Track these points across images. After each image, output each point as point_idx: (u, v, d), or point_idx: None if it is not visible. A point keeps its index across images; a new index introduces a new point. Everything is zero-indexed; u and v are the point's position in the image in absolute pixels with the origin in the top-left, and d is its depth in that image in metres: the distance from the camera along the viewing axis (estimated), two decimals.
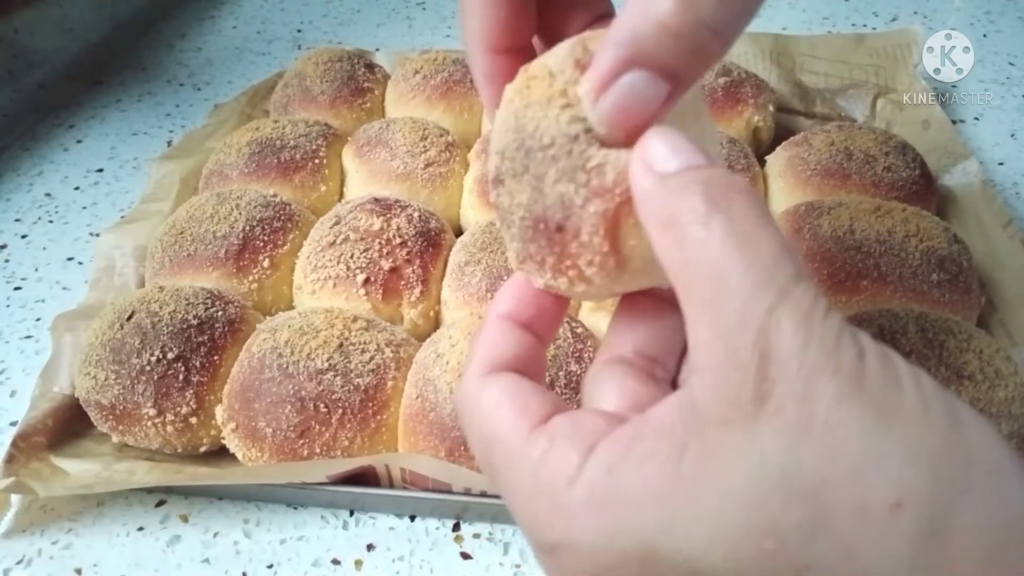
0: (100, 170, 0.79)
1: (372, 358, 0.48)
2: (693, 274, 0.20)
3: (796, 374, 0.19)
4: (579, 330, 0.49)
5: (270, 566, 0.46)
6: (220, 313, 0.52)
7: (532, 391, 0.25)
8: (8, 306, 0.64)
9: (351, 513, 0.48)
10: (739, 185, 0.21)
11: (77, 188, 0.77)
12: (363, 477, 0.46)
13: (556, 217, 0.25)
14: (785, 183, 0.64)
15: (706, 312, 0.20)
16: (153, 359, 0.48)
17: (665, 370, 0.27)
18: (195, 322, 0.50)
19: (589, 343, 0.48)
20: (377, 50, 0.88)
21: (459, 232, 0.63)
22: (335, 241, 0.56)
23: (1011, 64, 0.89)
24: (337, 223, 0.58)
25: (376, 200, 0.59)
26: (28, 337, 0.61)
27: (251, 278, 0.57)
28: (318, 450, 0.46)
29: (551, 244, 0.25)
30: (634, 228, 0.24)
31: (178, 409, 0.49)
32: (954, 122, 0.76)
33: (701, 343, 0.20)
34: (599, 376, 0.27)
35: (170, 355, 0.49)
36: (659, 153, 0.22)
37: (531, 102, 0.25)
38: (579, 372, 0.46)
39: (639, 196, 0.22)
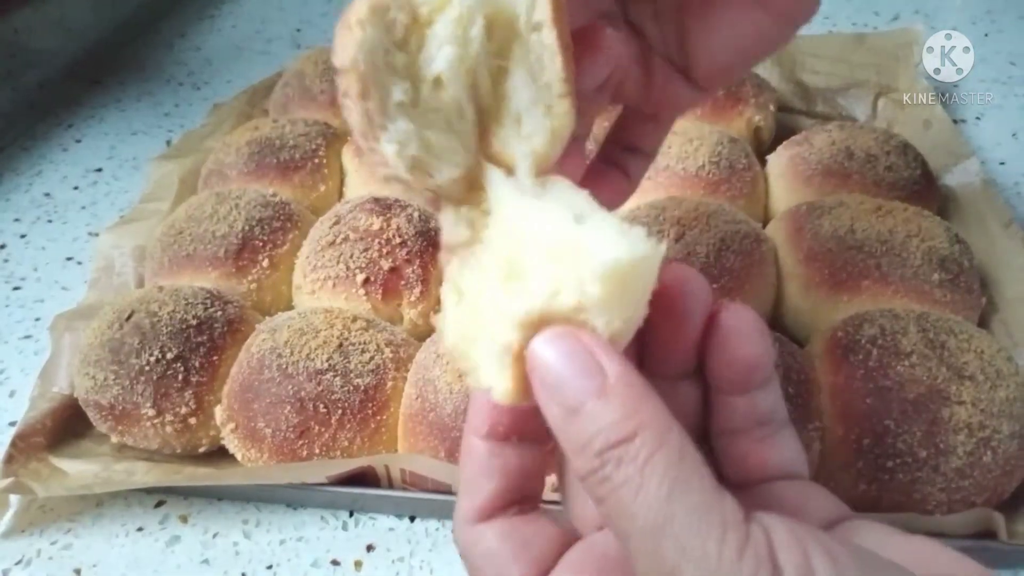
0: (99, 170, 0.79)
1: (372, 358, 0.48)
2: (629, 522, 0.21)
3: None
4: None
5: (270, 567, 0.45)
6: (219, 313, 0.52)
7: (527, 534, 0.25)
8: (7, 306, 0.64)
9: (351, 514, 0.48)
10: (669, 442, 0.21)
11: (76, 188, 0.77)
12: (363, 477, 0.46)
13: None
14: (786, 183, 0.64)
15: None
16: (152, 359, 0.48)
17: None
18: (194, 322, 0.50)
19: None
20: None
21: None
22: (335, 241, 0.56)
23: (1012, 64, 0.89)
24: (337, 223, 0.57)
25: (376, 200, 0.59)
26: (27, 337, 0.61)
27: (250, 278, 0.57)
28: (318, 450, 0.46)
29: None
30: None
31: (177, 409, 0.48)
32: (955, 122, 0.75)
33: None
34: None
35: (169, 355, 0.49)
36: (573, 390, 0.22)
37: None
38: None
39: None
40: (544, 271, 0.23)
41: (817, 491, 0.27)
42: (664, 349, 0.27)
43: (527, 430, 0.26)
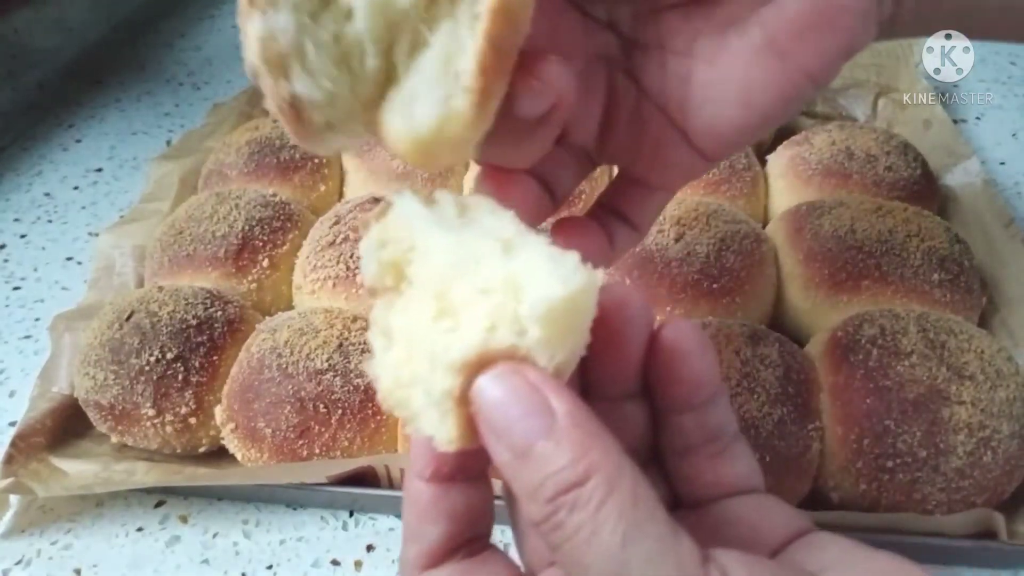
0: (99, 170, 0.79)
1: None
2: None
3: None
4: None
5: (269, 567, 0.45)
6: (219, 313, 0.52)
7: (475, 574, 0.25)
8: (7, 306, 0.64)
9: (351, 514, 0.48)
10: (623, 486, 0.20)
11: (76, 188, 0.77)
12: (363, 477, 0.46)
13: None
14: (786, 182, 0.64)
15: None
16: (152, 359, 0.48)
17: None
18: (194, 322, 0.50)
19: None
20: None
21: None
22: (335, 241, 0.56)
23: (1012, 64, 0.89)
24: (337, 223, 0.57)
25: (376, 200, 0.59)
26: (27, 337, 0.61)
27: (250, 278, 0.57)
28: (318, 450, 0.46)
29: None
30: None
31: (177, 409, 0.48)
32: (955, 122, 0.75)
33: None
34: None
35: (169, 355, 0.49)
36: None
37: None
38: None
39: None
40: (477, 307, 0.22)
41: (774, 504, 0.27)
42: (608, 372, 0.26)
43: (473, 469, 0.25)
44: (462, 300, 0.22)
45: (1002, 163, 0.75)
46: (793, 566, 0.22)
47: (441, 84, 0.24)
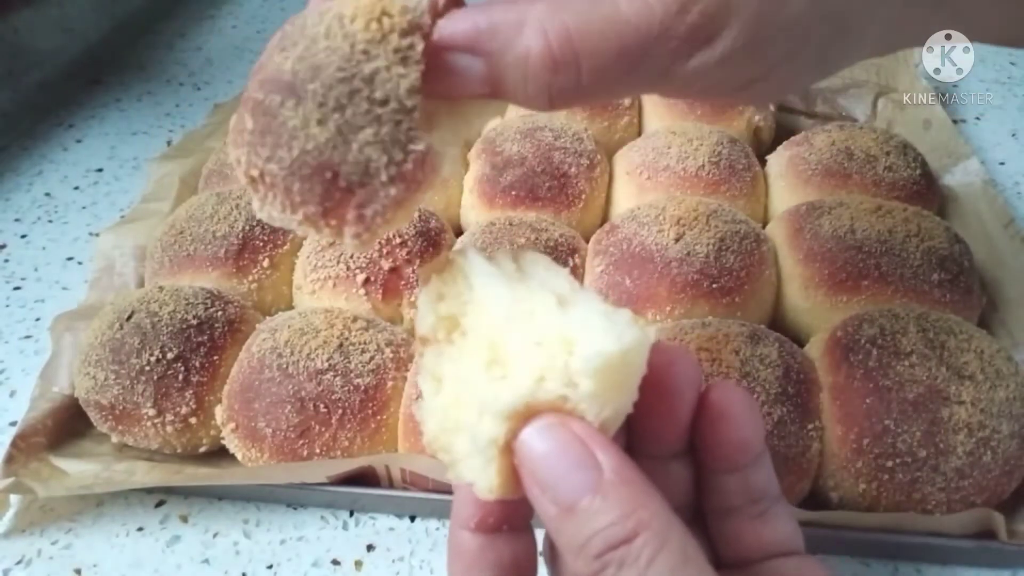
0: (100, 170, 0.79)
1: (372, 358, 0.48)
2: None
3: None
4: None
5: (270, 566, 0.45)
6: (220, 313, 0.52)
7: None
8: (8, 306, 0.64)
9: (351, 513, 0.48)
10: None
11: (77, 188, 0.77)
12: (363, 477, 0.46)
13: (350, 177, 0.23)
14: (786, 183, 0.64)
15: None
16: (153, 359, 0.48)
17: None
18: (195, 322, 0.50)
19: None
20: None
21: (459, 232, 0.63)
22: (335, 241, 0.56)
23: (1012, 64, 0.89)
24: None
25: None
26: (28, 337, 0.61)
27: (251, 278, 0.57)
28: (318, 450, 0.46)
29: (325, 195, 0.23)
30: (405, 218, 0.24)
31: (178, 409, 0.48)
32: (955, 122, 0.75)
33: None
34: None
35: (170, 355, 0.49)
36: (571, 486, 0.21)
37: (382, 39, 0.22)
38: None
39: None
40: (528, 358, 0.22)
41: (812, 565, 0.27)
42: (654, 430, 0.26)
43: (518, 519, 0.25)
44: (514, 351, 0.22)
45: (1002, 163, 0.75)
46: None
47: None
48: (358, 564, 0.45)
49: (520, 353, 0.22)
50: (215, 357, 0.50)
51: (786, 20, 0.24)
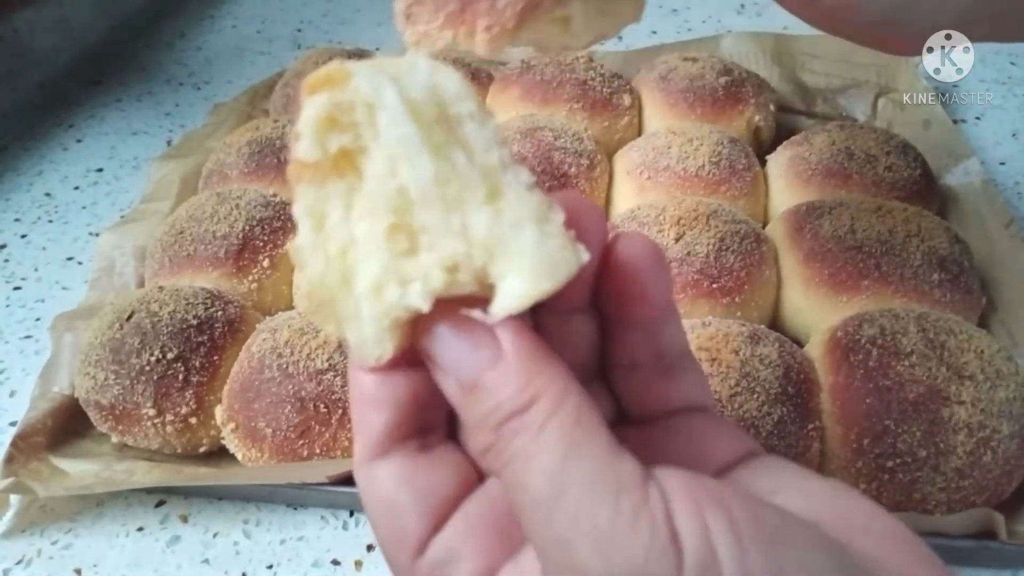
0: (100, 170, 0.79)
1: None
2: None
3: None
4: None
5: (270, 566, 0.45)
6: (220, 313, 0.52)
7: (426, 479, 0.24)
8: (8, 306, 0.64)
9: (351, 513, 0.48)
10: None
11: (77, 188, 0.77)
12: None
13: None
14: (786, 183, 0.64)
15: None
16: (153, 359, 0.48)
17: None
18: (195, 322, 0.50)
19: None
20: (377, 49, 0.88)
21: None
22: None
23: (1012, 64, 0.89)
24: None
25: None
26: (28, 337, 0.61)
27: (251, 278, 0.57)
28: (318, 450, 0.46)
29: None
30: (541, 25, 0.24)
31: (178, 409, 0.48)
32: (955, 122, 0.75)
33: None
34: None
35: (170, 355, 0.49)
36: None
37: None
38: None
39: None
40: (442, 242, 0.21)
41: (723, 424, 0.26)
42: None
43: (417, 357, 0.23)
44: (426, 229, 0.21)
45: (1002, 163, 0.75)
46: (738, 487, 0.22)
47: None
48: (358, 564, 0.45)
49: (432, 233, 0.21)
50: (215, 357, 0.50)
51: None
